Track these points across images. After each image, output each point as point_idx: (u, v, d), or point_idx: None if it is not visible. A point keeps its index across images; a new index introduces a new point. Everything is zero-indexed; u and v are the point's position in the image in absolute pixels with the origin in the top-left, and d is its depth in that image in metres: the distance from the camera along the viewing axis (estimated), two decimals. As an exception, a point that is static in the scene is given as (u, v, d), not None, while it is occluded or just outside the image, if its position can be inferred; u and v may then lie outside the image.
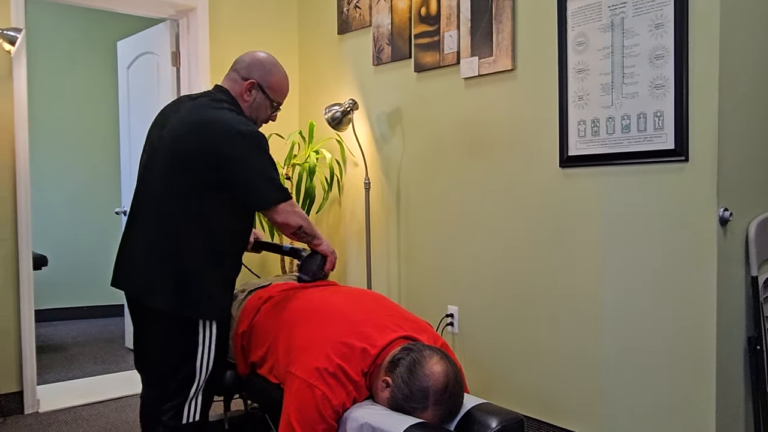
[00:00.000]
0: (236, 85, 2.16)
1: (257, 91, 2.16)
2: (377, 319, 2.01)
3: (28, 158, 3.21)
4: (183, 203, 1.97)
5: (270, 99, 2.19)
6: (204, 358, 2.03)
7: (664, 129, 2.23)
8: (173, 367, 2.02)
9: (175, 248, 1.97)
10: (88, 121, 5.70)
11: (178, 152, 1.99)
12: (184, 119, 2.03)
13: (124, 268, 2.08)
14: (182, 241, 1.97)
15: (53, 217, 5.55)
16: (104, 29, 5.68)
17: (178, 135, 2.00)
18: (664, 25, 2.22)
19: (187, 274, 1.96)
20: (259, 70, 2.16)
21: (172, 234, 1.98)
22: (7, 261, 3.16)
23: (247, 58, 2.20)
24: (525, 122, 2.73)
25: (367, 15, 3.51)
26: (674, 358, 2.25)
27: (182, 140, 1.99)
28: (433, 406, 1.77)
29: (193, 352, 2.00)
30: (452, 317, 3.07)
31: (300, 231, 2.13)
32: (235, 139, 1.96)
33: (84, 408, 3.33)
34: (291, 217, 2.08)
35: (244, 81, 2.15)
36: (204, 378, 2.04)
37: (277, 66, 2.21)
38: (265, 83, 2.17)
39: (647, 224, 2.32)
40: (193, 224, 1.97)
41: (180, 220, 1.97)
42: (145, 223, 2.03)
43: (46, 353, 4.46)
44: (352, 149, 3.62)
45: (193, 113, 2.04)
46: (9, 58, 3.13)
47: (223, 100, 2.11)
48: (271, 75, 2.18)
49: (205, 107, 2.06)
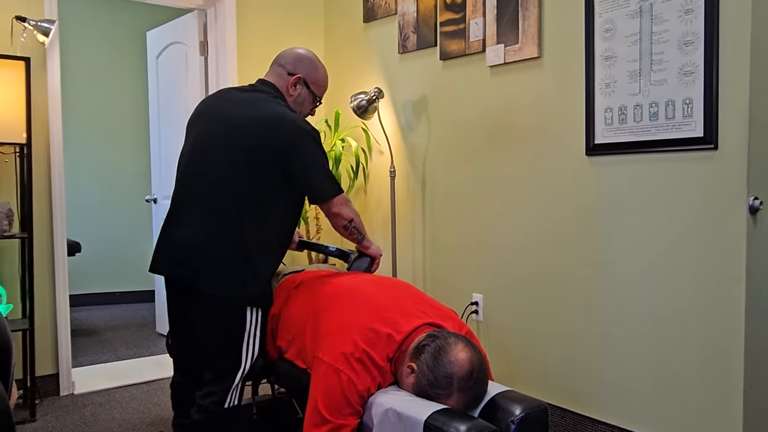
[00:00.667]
0: (281, 79, 2.24)
1: (302, 86, 2.25)
2: (403, 305, 2.03)
3: (61, 147, 3.28)
4: (242, 195, 2.04)
5: (313, 94, 2.29)
6: (250, 344, 2.09)
7: (693, 116, 2.21)
8: (220, 353, 2.08)
9: (232, 237, 2.03)
10: (118, 110, 5.80)
11: (241, 145, 2.05)
12: (245, 113, 2.09)
13: (171, 255, 2.12)
14: (239, 231, 2.04)
15: (86, 204, 5.68)
16: (134, 20, 5.75)
17: (241, 128, 2.06)
18: (693, 10, 2.19)
19: (243, 263, 2.03)
20: (306, 65, 2.26)
21: (229, 223, 2.04)
22: (42, 248, 3.24)
23: (291, 53, 2.27)
24: (551, 110, 2.71)
25: (393, 3, 3.51)
26: (702, 349, 2.23)
27: (245, 134, 2.05)
28: (458, 392, 1.79)
29: (240, 338, 2.07)
30: (477, 305, 3.08)
31: (351, 225, 2.23)
32: (300, 135, 2.07)
33: (117, 390, 3.42)
34: (344, 209, 2.20)
35: (290, 76, 2.24)
36: (250, 364, 2.11)
37: (320, 62, 2.32)
38: (310, 78, 2.26)
39: (675, 213, 2.30)
40: (251, 215, 2.04)
41: (238, 211, 2.04)
42: (199, 212, 2.07)
43: (80, 337, 4.58)
44: (377, 137, 3.64)
45: (253, 108, 2.11)
46: (43, 50, 3.20)
47: (275, 95, 2.20)
48: (316, 71, 2.29)
49: (264, 102, 2.14)
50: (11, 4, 3.11)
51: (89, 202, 5.70)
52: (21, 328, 3.00)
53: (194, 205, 2.09)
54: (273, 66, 2.28)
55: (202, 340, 2.13)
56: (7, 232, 2.99)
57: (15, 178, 3.14)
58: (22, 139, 3.01)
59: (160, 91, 4.46)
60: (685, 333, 2.28)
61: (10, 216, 3.00)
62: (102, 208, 5.77)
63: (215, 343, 2.09)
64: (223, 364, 2.08)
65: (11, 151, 3.11)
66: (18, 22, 3.06)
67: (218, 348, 2.08)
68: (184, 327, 2.22)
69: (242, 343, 2.08)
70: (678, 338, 2.30)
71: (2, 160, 3.11)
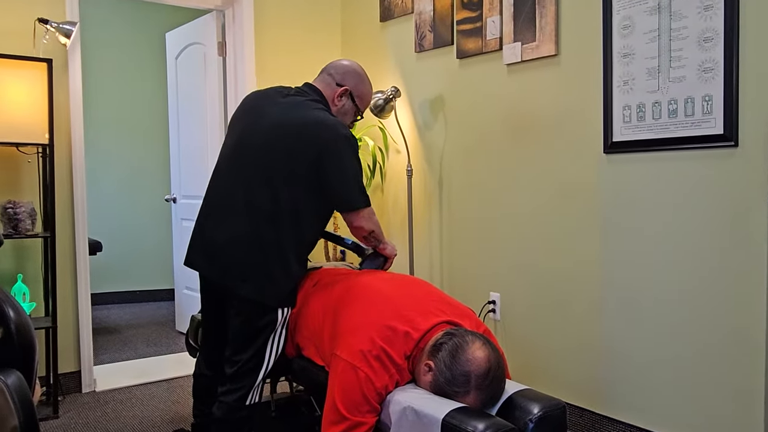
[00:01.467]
0: (329, 88, 2.28)
1: (347, 98, 2.28)
2: (420, 304, 2.03)
3: (83, 148, 3.33)
4: (279, 196, 2.07)
5: (357, 107, 2.33)
6: (275, 343, 2.14)
7: (712, 113, 2.19)
8: (247, 350, 2.11)
9: (270, 241, 2.07)
10: (138, 110, 5.87)
11: (282, 147, 2.08)
12: (288, 115, 2.12)
13: (205, 252, 2.17)
14: (276, 235, 2.07)
15: (107, 204, 5.74)
16: (153, 21, 5.81)
17: (284, 129, 2.09)
18: (713, 6, 2.17)
19: (276, 265, 2.08)
20: (354, 78, 2.30)
21: (266, 227, 2.07)
22: (65, 247, 3.29)
23: (341, 64, 2.32)
24: (568, 108, 2.70)
25: (410, 2, 3.51)
26: (722, 350, 2.21)
27: (287, 136, 2.08)
28: (475, 390, 1.79)
29: (267, 337, 2.12)
30: (494, 304, 3.08)
31: (370, 235, 2.26)
32: (337, 140, 2.09)
33: (137, 388, 3.46)
34: (368, 222, 2.22)
35: (338, 87, 2.27)
36: (274, 361, 2.15)
37: (367, 78, 2.36)
38: (356, 92, 2.30)
39: (695, 211, 2.28)
40: (288, 220, 2.08)
41: (276, 215, 2.07)
42: (237, 213, 2.10)
43: (102, 335, 4.64)
44: (394, 136, 3.64)
45: (298, 110, 2.13)
46: (65, 51, 3.25)
47: (319, 101, 2.23)
48: (363, 85, 2.32)
49: (308, 106, 2.16)
50: (34, 7, 3.16)
51: (110, 201, 5.77)
52: (44, 326, 3.05)
53: (232, 206, 2.12)
54: (322, 74, 2.32)
55: (233, 336, 2.15)
56: (31, 231, 3.04)
57: (38, 179, 3.20)
58: (44, 139, 3.06)
59: (179, 91, 4.51)
60: (705, 333, 2.26)
61: (33, 216, 3.05)
62: (122, 207, 5.83)
63: (244, 340, 2.12)
64: (248, 360, 2.11)
65: (34, 151, 3.15)
66: (40, 24, 3.11)
67: (246, 345, 2.11)
68: (218, 323, 2.27)
69: (268, 341, 2.13)
70: (697, 338, 2.28)
71: (25, 161, 3.16)
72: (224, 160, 2.21)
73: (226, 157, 2.21)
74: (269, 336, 2.13)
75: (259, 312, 2.10)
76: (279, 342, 2.16)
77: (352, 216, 2.19)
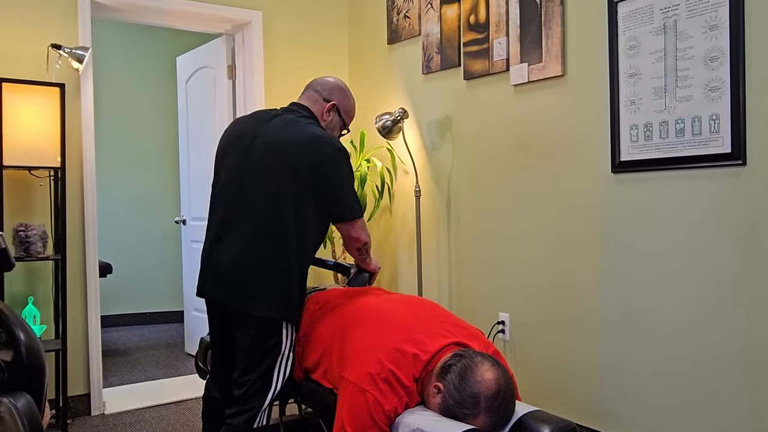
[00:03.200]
0: (317, 104, 2.31)
1: (335, 113, 2.32)
2: (429, 325, 2.03)
3: (94, 171, 3.36)
4: (282, 216, 2.07)
5: (343, 121, 2.37)
6: (283, 365, 2.14)
7: (720, 132, 2.18)
8: (255, 371, 2.11)
9: (274, 259, 2.08)
10: (149, 133, 5.93)
11: (280, 165, 2.08)
12: (282, 133, 2.13)
13: (212, 276, 2.17)
14: (280, 252, 2.08)
15: (117, 226, 5.78)
16: (164, 46, 5.89)
17: (280, 148, 2.10)
18: (719, 26, 2.18)
19: (284, 283, 2.09)
20: (339, 94, 2.34)
21: (271, 245, 2.08)
22: (75, 269, 3.31)
23: (325, 81, 2.35)
24: (576, 128, 2.71)
25: (417, 24, 3.55)
26: (731, 370, 2.19)
27: (285, 154, 2.09)
28: (485, 412, 1.77)
29: (275, 358, 2.12)
30: (503, 324, 3.06)
31: (364, 247, 2.31)
32: (334, 153, 2.12)
33: (147, 410, 3.45)
34: (363, 232, 2.28)
35: (326, 102, 2.31)
36: (281, 385, 2.15)
37: (349, 91, 2.41)
38: (342, 106, 2.34)
39: (703, 230, 2.26)
40: (290, 236, 2.08)
41: (278, 232, 2.08)
42: (242, 234, 2.10)
43: (111, 357, 4.64)
44: (402, 157, 3.66)
45: (291, 128, 2.15)
46: (77, 76, 3.30)
47: (309, 117, 2.26)
48: (348, 100, 2.37)
49: (301, 123, 2.18)
50: (47, 33, 3.22)
51: (120, 223, 5.81)
52: (54, 349, 3.06)
53: (236, 228, 2.12)
54: (307, 91, 2.35)
55: (240, 357, 2.15)
56: (42, 253, 3.07)
57: (49, 201, 3.23)
58: (56, 163, 3.10)
59: (189, 114, 4.55)
60: (716, 353, 2.23)
61: (44, 238, 3.08)
62: (132, 229, 5.87)
63: (252, 361, 2.11)
64: (255, 382, 2.10)
65: (46, 174, 3.19)
66: (53, 49, 3.16)
67: (254, 366, 2.11)
68: (226, 345, 2.26)
69: (276, 363, 2.12)
70: (708, 359, 2.25)
71: (37, 184, 3.20)
72: (223, 186, 2.21)
73: (225, 182, 2.21)
74: (277, 357, 2.12)
75: (266, 331, 2.10)
76: (287, 364, 2.15)
77: (350, 226, 2.24)
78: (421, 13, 3.51)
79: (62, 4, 3.26)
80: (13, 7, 3.15)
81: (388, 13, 3.77)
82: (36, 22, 3.20)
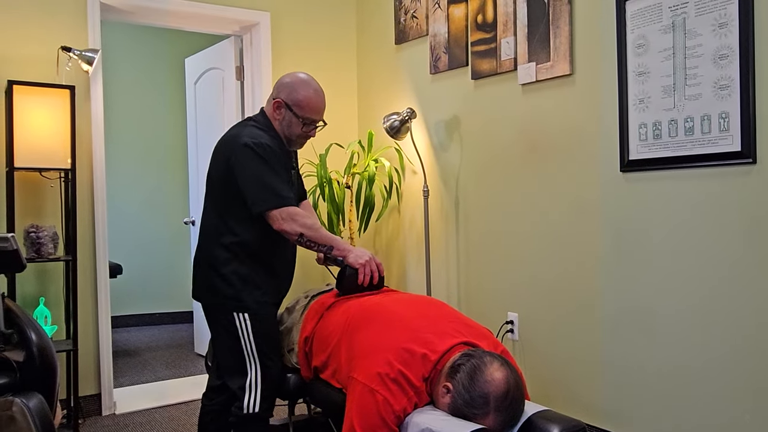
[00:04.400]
0: (268, 105, 2.33)
1: (285, 109, 2.27)
2: (438, 325, 2.02)
3: (104, 172, 3.39)
4: (212, 211, 2.30)
5: (297, 116, 2.26)
6: (249, 352, 2.23)
7: (729, 130, 2.17)
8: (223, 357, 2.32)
9: (207, 250, 2.28)
10: (158, 134, 5.95)
11: (208, 172, 2.33)
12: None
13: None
14: (209, 243, 2.27)
15: (127, 227, 5.81)
16: (173, 47, 5.91)
17: (212, 154, 2.34)
18: (728, 24, 2.17)
19: (213, 275, 2.24)
20: (286, 88, 2.28)
21: (204, 238, 2.31)
22: (86, 270, 3.33)
23: (280, 79, 2.34)
24: (584, 127, 2.70)
25: (424, 24, 3.55)
26: (742, 371, 2.17)
27: (212, 156, 2.33)
28: (494, 412, 1.77)
29: (236, 343, 2.23)
30: (512, 324, 3.06)
31: (302, 239, 2.15)
32: (236, 147, 2.18)
33: (157, 410, 3.47)
34: (286, 224, 2.13)
35: (273, 100, 2.30)
36: (255, 371, 2.23)
37: (305, 84, 2.28)
38: (290, 101, 2.26)
39: (713, 229, 2.25)
40: (220, 228, 2.25)
41: (210, 225, 2.29)
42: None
43: (121, 358, 4.67)
44: (410, 157, 3.66)
45: (222, 136, 2.35)
46: (87, 78, 3.32)
47: (252, 119, 2.35)
48: (297, 92, 2.26)
49: (234, 126, 2.35)
50: (57, 35, 3.24)
51: (130, 224, 5.83)
52: (65, 349, 3.08)
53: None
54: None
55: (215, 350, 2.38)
56: (53, 255, 3.09)
57: (60, 203, 3.25)
58: (66, 164, 3.12)
59: (198, 115, 4.57)
60: (726, 353, 2.22)
61: (55, 239, 3.10)
62: (142, 230, 5.89)
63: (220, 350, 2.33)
64: (227, 368, 2.28)
65: (56, 176, 3.21)
66: (63, 52, 3.18)
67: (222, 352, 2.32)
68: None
69: (242, 350, 2.23)
70: (719, 358, 2.24)
71: (48, 185, 3.22)
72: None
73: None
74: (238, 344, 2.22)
75: (218, 317, 2.26)
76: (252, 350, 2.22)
77: (268, 220, 2.14)
78: (429, 13, 3.51)
79: (72, 7, 3.29)
80: (23, 11, 3.18)
81: (396, 13, 3.77)
82: (46, 24, 3.22)
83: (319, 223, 2.25)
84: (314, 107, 2.29)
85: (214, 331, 2.32)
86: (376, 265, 2.24)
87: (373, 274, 2.23)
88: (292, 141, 2.34)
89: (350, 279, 2.21)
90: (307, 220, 2.17)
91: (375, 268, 2.24)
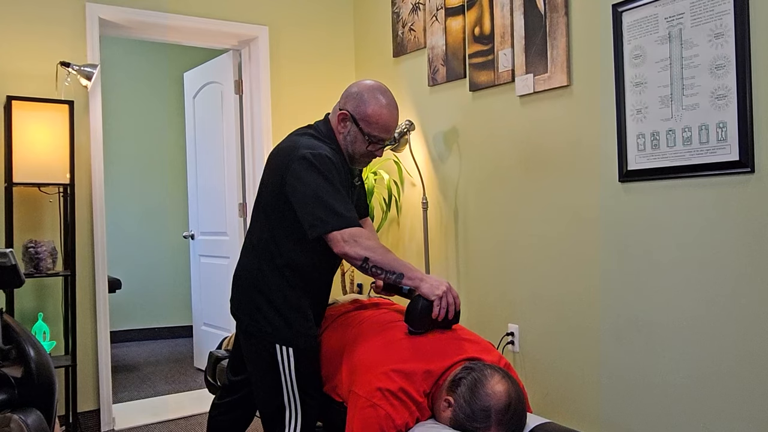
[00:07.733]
0: (334, 115, 2.06)
1: (351, 123, 2.01)
2: (440, 340, 2.01)
3: (103, 187, 3.39)
4: (265, 225, 2.06)
5: (363, 132, 2.00)
6: (289, 390, 2.03)
7: (727, 140, 2.18)
8: (261, 395, 2.09)
9: (254, 270, 2.06)
10: (157, 149, 5.96)
11: (261, 181, 2.10)
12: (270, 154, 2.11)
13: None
14: (260, 262, 2.05)
15: (126, 241, 5.80)
16: (172, 62, 5.94)
17: (265, 166, 2.12)
18: (724, 34, 2.18)
19: (259, 298, 2.04)
20: (354, 99, 2.01)
21: (248, 258, 2.09)
22: (85, 285, 3.32)
23: (350, 86, 2.07)
24: (582, 137, 2.71)
25: (422, 37, 3.57)
26: (743, 382, 2.16)
27: (264, 169, 2.10)
28: (496, 425, 1.76)
29: (275, 377, 2.03)
30: (513, 335, 3.04)
31: (367, 265, 1.89)
32: (292, 159, 1.93)
33: (156, 426, 3.45)
34: (348, 247, 1.87)
35: (338, 111, 2.04)
36: (294, 409, 2.04)
37: (376, 96, 2.00)
38: (357, 114, 2.00)
39: (712, 239, 2.25)
40: (271, 246, 2.04)
41: (259, 241, 2.06)
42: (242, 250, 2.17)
43: (121, 373, 4.64)
44: (409, 169, 3.66)
45: (276, 146, 2.10)
46: (86, 93, 3.33)
47: (311, 128, 2.09)
48: (366, 105, 1.99)
49: (289, 135, 2.09)
50: (56, 51, 3.25)
51: (129, 239, 5.83)
52: (64, 365, 3.07)
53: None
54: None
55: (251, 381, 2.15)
56: (51, 270, 3.08)
57: (59, 218, 3.25)
58: (65, 179, 3.12)
59: (197, 129, 4.58)
60: (727, 363, 2.21)
61: (54, 254, 3.09)
62: (141, 244, 5.89)
63: (257, 385, 2.10)
64: (266, 408, 2.07)
65: (55, 191, 3.21)
66: (62, 67, 3.19)
67: (260, 390, 2.10)
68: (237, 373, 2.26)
69: (280, 385, 2.03)
70: (720, 369, 2.23)
71: (47, 200, 3.22)
72: None
73: None
74: (279, 381, 2.03)
75: (258, 349, 2.05)
76: (292, 389, 2.04)
77: (329, 243, 1.89)
78: (426, 26, 3.53)
79: (71, 22, 3.30)
80: (22, 26, 3.19)
81: (394, 26, 3.79)
82: (45, 40, 3.24)
83: (384, 246, 1.95)
84: (384, 125, 2.01)
85: (252, 359, 2.07)
86: (453, 297, 1.93)
87: (449, 307, 1.92)
88: (354, 159, 2.06)
89: (423, 313, 1.90)
90: (372, 242, 1.90)
91: (452, 300, 1.92)
